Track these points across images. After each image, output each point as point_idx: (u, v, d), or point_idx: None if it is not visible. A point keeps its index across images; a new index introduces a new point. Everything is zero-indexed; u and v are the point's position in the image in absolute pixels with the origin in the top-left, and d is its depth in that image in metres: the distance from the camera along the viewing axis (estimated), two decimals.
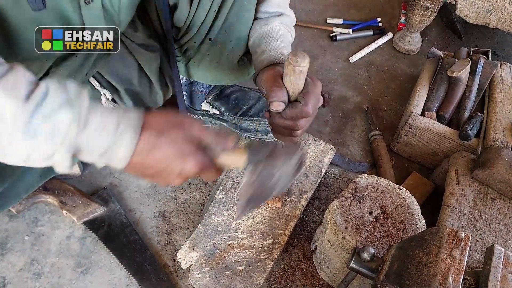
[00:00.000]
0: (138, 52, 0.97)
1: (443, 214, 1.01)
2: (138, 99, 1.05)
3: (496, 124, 1.17)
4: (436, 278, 0.63)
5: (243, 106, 1.17)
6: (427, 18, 1.51)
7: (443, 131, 1.18)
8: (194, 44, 0.99)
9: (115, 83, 0.98)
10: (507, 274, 0.66)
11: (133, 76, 0.99)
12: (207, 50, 1.01)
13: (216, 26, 0.94)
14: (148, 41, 0.97)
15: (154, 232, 1.09)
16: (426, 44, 1.68)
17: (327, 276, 1.03)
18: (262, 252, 0.97)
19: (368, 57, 1.63)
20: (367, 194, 0.95)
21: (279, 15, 0.94)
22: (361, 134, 1.38)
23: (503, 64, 1.33)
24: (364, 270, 0.75)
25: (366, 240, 0.88)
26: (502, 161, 1.00)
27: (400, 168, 1.30)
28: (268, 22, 0.93)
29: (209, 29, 0.95)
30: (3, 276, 0.98)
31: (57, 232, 1.06)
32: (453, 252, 0.65)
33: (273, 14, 0.94)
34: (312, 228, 1.12)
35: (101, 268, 1.01)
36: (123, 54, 0.95)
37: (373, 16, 1.79)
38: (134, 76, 0.99)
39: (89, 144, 0.53)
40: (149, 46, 0.98)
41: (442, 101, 1.27)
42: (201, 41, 0.98)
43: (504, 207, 1.03)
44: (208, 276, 0.93)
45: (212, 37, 0.97)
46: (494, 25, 1.48)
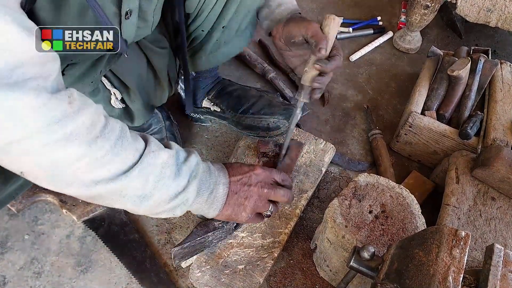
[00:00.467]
0: (148, 49, 0.96)
1: (443, 213, 1.01)
2: (146, 97, 1.04)
3: (496, 123, 1.17)
4: (436, 277, 0.63)
5: (244, 103, 1.17)
6: (427, 17, 1.51)
7: (443, 130, 1.18)
8: (201, 32, 0.99)
9: (128, 80, 0.98)
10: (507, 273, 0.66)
11: (142, 74, 0.99)
12: (219, 37, 1.02)
13: (229, 13, 0.96)
14: (158, 37, 0.97)
15: (154, 231, 1.09)
16: (426, 43, 1.68)
17: (327, 275, 1.03)
18: (262, 251, 0.97)
19: (368, 56, 1.63)
20: (367, 193, 0.95)
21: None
22: (361, 133, 1.38)
23: (503, 63, 1.33)
24: (364, 269, 0.75)
25: (366, 239, 0.88)
26: (502, 160, 1.00)
27: (400, 167, 1.30)
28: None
29: (219, 16, 0.96)
30: (3, 275, 0.98)
31: (57, 231, 1.06)
32: (453, 251, 0.65)
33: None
34: (312, 227, 1.12)
35: (101, 267, 1.01)
36: (134, 51, 0.94)
37: (373, 15, 1.79)
38: (144, 72, 0.99)
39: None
40: (159, 42, 0.98)
41: (442, 100, 1.27)
42: (209, 29, 0.99)
43: (504, 206, 1.03)
44: (208, 275, 0.93)
45: (225, 24, 0.98)
46: (494, 24, 1.47)
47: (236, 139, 1.28)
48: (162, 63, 1.00)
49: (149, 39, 0.95)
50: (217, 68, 1.25)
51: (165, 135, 1.18)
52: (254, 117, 1.15)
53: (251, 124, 1.15)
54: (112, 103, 1.00)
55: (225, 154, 1.26)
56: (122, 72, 0.96)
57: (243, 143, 1.17)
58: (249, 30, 1.07)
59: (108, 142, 0.62)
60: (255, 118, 1.14)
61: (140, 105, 1.03)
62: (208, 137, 1.30)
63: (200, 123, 1.32)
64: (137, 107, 1.03)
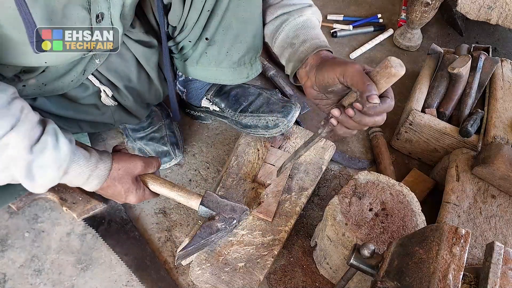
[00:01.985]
0: (136, 48, 0.96)
1: (443, 210, 1.01)
2: (138, 96, 1.04)
3: (497, 120, 1.17)
4: (436, 274, 0.63)
5: (243, 102, 1.17)
6: (427, 14, 1.51)
7: (443, 127, 1.18)
8: (189, 42, 0.99)
9: (114, 80, 0.98)
10: (507, 270, 0.66)
11: (131, 73, 0.99)
12: (205, 49, 1.00)
13: (212, 26, 0.94)
14: (145, 37, 0.97)
15: (154, 229, 1.09)
16: (426, 41, 1.68)
17: (327, 272, 1.03)
18: (262, 248, 0.97)
19: (368, 53, 1.63)
20: (367, 190, 0.95)
21: (309, 6, 0.94)
22: (361, 131, 1.38)
23: (503, 61, 1.33)
24: (364, 266, 0.75)
25: (366, 236, 0.88)
26: (502, 157, 1.00)
27: (400, 165, 1.30)
28: (302, 13, 0.91)
29: (204, 28, 0.94)
30: (3, 272, 0.98)
31: (57, 228, 1.06)
32: (453, 248, 0.65)
33: (304, 5, 0.94)
34: (312, 225, 1.12)
35: (102, 265, 1.02)
36: (121, 51, 0.94)
37: (373, 12, 1.78)
38: (133, 72, 0.99)
39: (68, 182, 0.79)
40: (146, 42, 0.98)
41: (442, 97, 1.27)
42: (196, 40, 0.98)
43: (504, 204, 1.03)
44: (208, 272, 0.93)
45: (208, 37, 0.97)
46: (495, 21, 1.47)
47: (236, 136, 1.28)
48: (151, 62, 1.01)
49: (135, 38, 0.95)
50: None
51: (165, 133, 1.18)
52: (253, 116, 1.14)
53: (250, 123, 1.15)
54: (102, 100, 1.00)
55: (226, 152, 1.26)
56: (108, 71, 0.97)
57: (243, 140, 1.17)
58: (247, 69, 1.06)
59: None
60: (254, 117, 1.14)
61: (132, 102, 1.03)
62: (208, 135, 1.30)
63: (200, 121, 1.31)
64: (129, 104, 1.04)
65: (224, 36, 0.96)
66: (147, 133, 1.18)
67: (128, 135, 1.20)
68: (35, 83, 0.86)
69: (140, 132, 1.18)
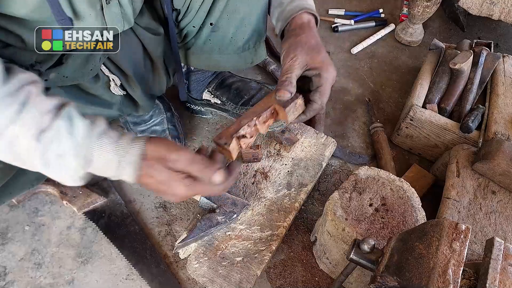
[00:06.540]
0: (144, 35, 0.96)
1: (443, 206, 1.01)
2: (145, 85, 1.04)
3: (498, 116, 1.16)
4: (436, 270, 0.63)
5: (244, 96, 1.17)
6: (429, 10, 1.50)
7: (444, 123, 1.17)
8: (193, 28, 0.98)
9: (124, 67, 0.97)
10: (506, 266, 0.66)
11: (139, 60, 0.99)
12: (208, 35, 1.00)
13: (217, 10, 0.93)
14: (152, 24, 0.96)
15: (155, 223, 1.09)
16: (428, 36, 1.67)
17: (326, 267, 1.03)
18: (260, 243, 0.97)
19: (369, 48, 1.62)
20: (367, 186, 0.95)
21: None
22: (362, 126, 1.37)
23: (505, 56, 1.32)
24: (364, 261, 0.75)
25: (366, 231, 0.88)
26: (503, 154, 1.00)
27: (401, 160, 1.30)
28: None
29: (209, 13, 0.94)
30: (3, 265, 0.98)
31: (58, 222, 1.06)
32: (453, 244, 0.65)
33: None
34: (312, 220, 1.13)
35: (102, 258, 1.02)
36: (129, 38, 0.94)
37: (375, 7, 1.77)
38: (140, 59, 0.99)
39: (102, 173, 0.66)
40: (153, 29, 0.97)
41: (443, 93, 1.26)
42: (200, 25, 0.97)
43: (504, 200, 1.03)
44: (205, 266, 0.93)
45: (213, 22, 0.96)
46: (497, 17, 1.46)
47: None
48: (157, 50, 1.00)
49: (143, 25, 0.95)
50: None
51: (166, 126, 1.18)
52: None
53: None
54: (111, 89, 0.99)
55: None
56: (118, 59, 0.95)
57: None
58: (251, 54, 1.05)
59: None
60: None
61: (140, 92, 1.03)
62: (208, 130, 1.30)
63: (200, 116, 1.31)
64: (138, 94, 1.03)
65: (229, 21, 0.96)
66: (149, 126, 1.18)
67: (129, 129, 1.20)
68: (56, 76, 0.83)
69: (141, 125, 1.18)
